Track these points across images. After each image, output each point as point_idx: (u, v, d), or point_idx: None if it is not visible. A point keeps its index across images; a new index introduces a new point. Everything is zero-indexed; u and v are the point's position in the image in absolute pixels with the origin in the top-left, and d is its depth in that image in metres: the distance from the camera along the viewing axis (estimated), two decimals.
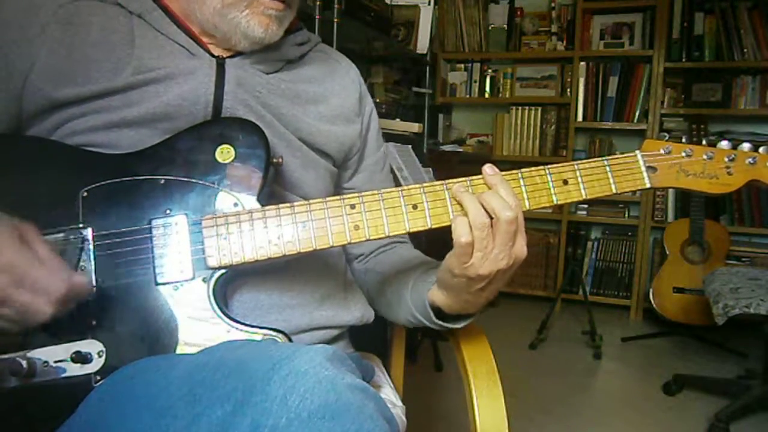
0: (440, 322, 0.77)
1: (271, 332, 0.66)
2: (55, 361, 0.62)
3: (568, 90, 3.35)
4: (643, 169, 0.72)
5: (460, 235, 0.65)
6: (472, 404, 0.79)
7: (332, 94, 0.86)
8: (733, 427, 1.91)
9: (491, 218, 0.65)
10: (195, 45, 0.75)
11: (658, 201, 3.18)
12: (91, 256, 0.64)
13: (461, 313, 0.76)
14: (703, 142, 0.74)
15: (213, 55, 0.75)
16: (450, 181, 0.69)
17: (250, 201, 0.68)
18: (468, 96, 3.62)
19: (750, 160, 0.72)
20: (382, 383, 0.90)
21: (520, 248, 0.67)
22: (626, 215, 3.31)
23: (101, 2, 0.74)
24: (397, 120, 2.49)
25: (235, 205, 0.67)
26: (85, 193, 0.66)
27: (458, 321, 0.78)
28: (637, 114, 3.21)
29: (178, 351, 0.64)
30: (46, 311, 0.57)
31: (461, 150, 3.16)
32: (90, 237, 0.65)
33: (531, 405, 2.10)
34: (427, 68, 3.06)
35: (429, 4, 2.87)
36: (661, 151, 0.73)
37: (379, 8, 2.49)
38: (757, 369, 2.19)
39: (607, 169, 0.72)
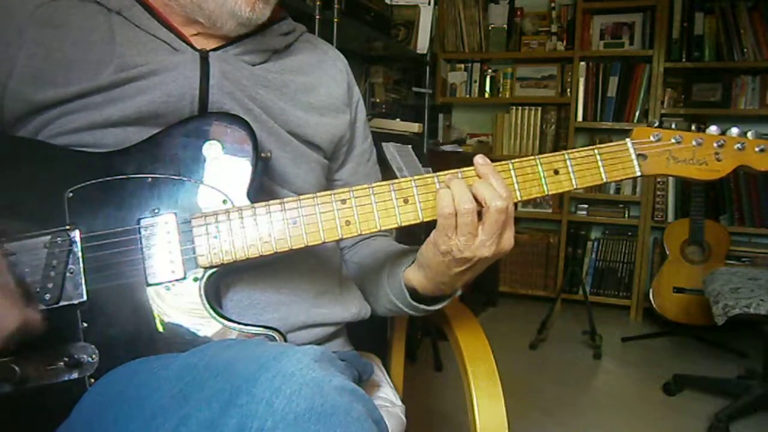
0: (416, 304, 0.77)
1: (266, 331, 0.65)
2: (48, 366, 0.61)
3: (568, 90, 3.35)
4: (633, 156, 0.72)
5: (444, 206, 0.65)
6: (472, 404, 0.79)
7: (321, 84, 0.85)
8: (733, 427, 1.90)
9: (481, 206, 0.65)
10: (177, 39, 0.74)
11: (658, 201, 3.18)
12: (80, 259, 0.63)
13: (436, 294, 0.76)
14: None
15: (196, 49, 0.74)
16: (441, 173, 0.68)
17: (240, 197, 0.67)
18: (468, 96, 3.61)
19: (738, 145, 0.72)
20: (382, 383, 0.90)
21: (508, 239, 0.68)
22: (626, 215, 3.31)
23: (79, 1, 0.73)
24: (397, 120, 2.49)
25: (225, 202, 0.67)
26: (71, 194, 0.65)
27: (435, 303, 0.78)
28: (637, 114, 3.21)
29: (171, 351, 0.63)
30: None
31: (461, 150, 3.16)
32: (78, 239, 0.64)
33: (531, 405, 2.10)
34: (427, 68, 3.06)
35: (429, 4, 2.87)
36: (651, 138, 0.72)
37: (379, 8, 2.49)
38: (757, 369, 2.18)
39: (598, 158, 0.71)
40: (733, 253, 2.95)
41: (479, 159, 0.68)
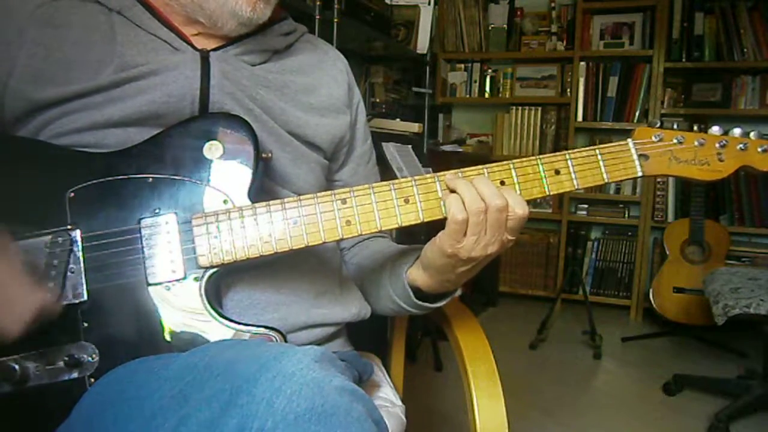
0: (421, 303, 0.77)
1: (266, 331, 0.65)
2: (48, 365, 0.61)
3: (568, 90, 3.35)
4: (635, 157, 0.72)
5: (456, 212, 0.65)
6: (472, 404, 0.79)
7: (321, 85, 0.85)
8: (733, 427, 1.90)
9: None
10: (178, 39, 0.74)
11: (658, 201, 3.18)
12: (81, 258, 0.63)
13: (441, 291, 0.76)
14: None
15: (196, 49, 0.74)
16: (441, 173, 0.68)
17: (241, 197, 0.67)
18: (468, 96, 3.61)
19: (741, 146, 0.72)
20: (382, 383, 0.90)
21: (510, 237, 0.69)
22: (626, 215, 3.31)
23: (80, 0, 0.73)
24: (397, 120, 2.49)
25: (225, 202, 0.66)
26: (72, 194, 0.65)
27: (438, 300, 0.78)
28: (637, 114, 3.21)
29: (171, 351, 0.63)
30: (12, 330, 0.56)
31: (461, 150, 3.16)
32: (79, 238, 0.64)
33: (531, 405, 2.10)
34: (427, 68, 3.06)
35: (429, 4, 2.87)
36: (653, 138, 0.72)
37: (379, 8, 2.49)
38: (757, 369, 2.18)
39: (599, 158, 0.71)
40: (733, 253, 2.95)
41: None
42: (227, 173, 0.67)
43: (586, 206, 3.36)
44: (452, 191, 0.67)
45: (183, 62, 0.72)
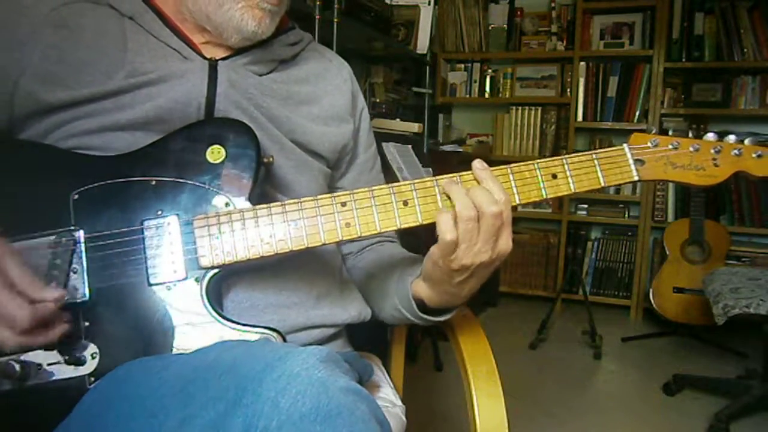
0: (424, 315, 0.77)
1: (266, 332, 0.66)
2: (49, 364, 0.62)
3: (568, 90, 3.35)
4: (631, 162, 0.73)
5: (445, 232, 0.65)
6: (472, 404, 0.79)
7: (325, 94, 0.86)
8: (733, 427, 1.90)
9: (478, 212, 0.65)
10: (187, 48, 0.75)
11: (658, 201, 3.18)
12: (83, 258, 0.64)
13: (444, 306, 0.76)
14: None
15: (205, 58, 0.75)
16: (440, 177, 0.69)
17: (242, 201, 0.67)
18: (468, 96, 3.62)
19: (735, 151, 0.73)
20: (382, 383, 0.90)
21: (505, 244, 0.67)
22: (626, 215, 3.31)
23: (93, 4, 0.74)
24: (397, 120, 2.49)
25: (227, 204, 0.67)
26: (77, 196, 0.66)
27: (441, 314, 0.78)
28: (637, 114, 3.21)
29: (172, 351, 0.63)
30: (10, 343, 0.56)
31: (461, 150, 3.16)
32: (82, 239, 0.64)
33: (531, 405, 2.10)
34: (427, 68, 3.06)
35: (429, 4, 2.87)
36: (649, 144, 0.73)
37: (379, 8, 2.49)
38: (757, 369, 2.18)
39: (596, 162, 0.72)
40: (733, 253, 2.95)
41: (477, 164, 0.68)
42: (229, 177, 0.68)
43: (586, 206, 3.36)
44: (447, 196, 0.67)
45: (191, 70, 0.73)
